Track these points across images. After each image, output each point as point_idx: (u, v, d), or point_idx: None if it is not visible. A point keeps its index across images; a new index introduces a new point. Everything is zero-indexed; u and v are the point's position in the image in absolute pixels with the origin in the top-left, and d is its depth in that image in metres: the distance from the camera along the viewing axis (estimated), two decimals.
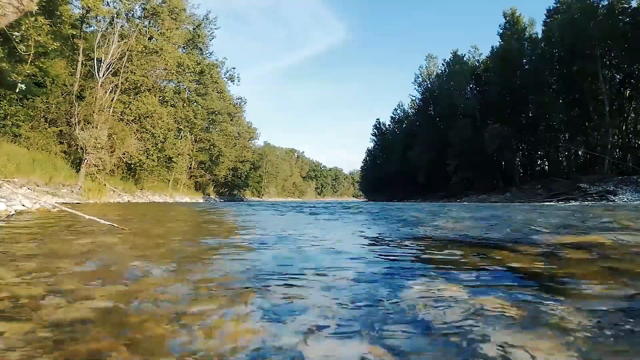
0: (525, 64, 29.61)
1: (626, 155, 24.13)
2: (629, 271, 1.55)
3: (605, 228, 3.42)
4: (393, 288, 1.29)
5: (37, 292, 1.19)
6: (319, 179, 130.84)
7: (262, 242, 2.67)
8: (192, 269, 1.62)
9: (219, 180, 38.49)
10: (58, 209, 6.01)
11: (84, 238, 2.77)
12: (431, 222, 4.65)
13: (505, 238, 2.85)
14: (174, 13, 25.48)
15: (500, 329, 0.89)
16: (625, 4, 22.01)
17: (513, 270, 1.59)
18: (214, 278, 1.44)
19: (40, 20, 13.01)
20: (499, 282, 1.37)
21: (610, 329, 0.90)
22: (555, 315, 0.99)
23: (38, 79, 16.55)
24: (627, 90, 24.78)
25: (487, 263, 1.75)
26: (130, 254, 2.07)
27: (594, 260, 1.82)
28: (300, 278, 1.45)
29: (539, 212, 6.96)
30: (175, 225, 4.55)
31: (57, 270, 1.54)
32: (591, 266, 1.65)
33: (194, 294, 1.21)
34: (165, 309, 1.05)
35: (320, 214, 7.18)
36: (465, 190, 30.14)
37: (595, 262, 1.77)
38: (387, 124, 57.88)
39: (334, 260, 1.88)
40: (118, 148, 19.39)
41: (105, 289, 1.25)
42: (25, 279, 1.38)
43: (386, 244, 2.59)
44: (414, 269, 1.66)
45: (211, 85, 34.96)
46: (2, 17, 4.34)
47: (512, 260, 1.82)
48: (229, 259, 1.94)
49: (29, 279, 1.38)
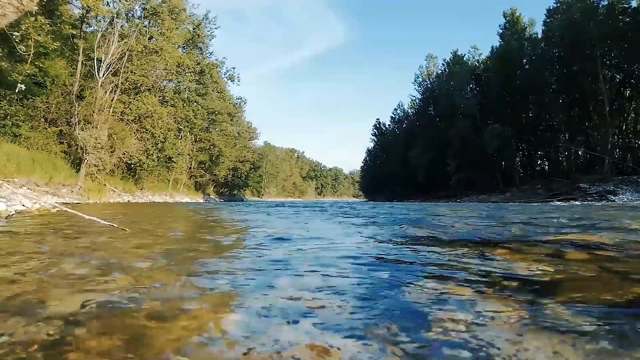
0: (525, 64, 29.62)
1: (626, 155, 24.14)
2: (629, 271, 1.55)
3: (605, 228, 3.42)
4: (393, 288, 1.29)
5: (36, 292, 1.19)
6: (319, 179, 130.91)
7: (262, 243, 2.66)
8: (192, 269, 1.62)
9: (219, 180, 38.52)
10: (58, 209, 6.00)
11: (84, 238, 2.77)
12: (436, 222, 4.65)
13: (505, 238, 2.85)
14: (174, 13, 25.50)
15: (501, 330, 0.89)
16: (625, 4, 22.03)
17: (513, 270, 1.59)
18: (213, 276, 1.44)
19: (40, 20, 13.04)
20: (499, 282, 1.37)
21: (610, 330, 0.89)
22: (556, 316, 0.99)
23: (38, 79, 16.56)
24: (627, 90, 24.79)
25: (487, 263, 1.75)
26: (130, 253, 2.07)
27: (593, 260, 1.81)
28: (300, 272, 1.44)
29: (539, 212, 6.96)
30: (175, 225, 4.55)
31: (57, 270, 1.54)
32: (591, 266, 1.65)
33: (193, 294, 1.21)
34: (165, 308, 1.05)
35: (339, 215, 7.15)
36: (465, 190, 30.15)
37: (595, 262, 1.77)
38: (387, 124, 57.99)
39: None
40: (118, 148, 19.40)
41: (105, 288, 1.25)
42: (25, 279, 1.38)
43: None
44: (414, 269, 1.66)
45: (211, 85, 34.98)
46: (2, 17, 4.34)
47: (512, 260, 1.82)
48: (231, 259, 1.94)
49: (29, 279, 1.38)
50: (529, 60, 29.31)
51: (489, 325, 0.92)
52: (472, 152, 29.54)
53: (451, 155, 31.52)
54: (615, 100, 24.19)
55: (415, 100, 47.55)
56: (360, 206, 13.61)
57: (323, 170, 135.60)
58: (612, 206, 10.05)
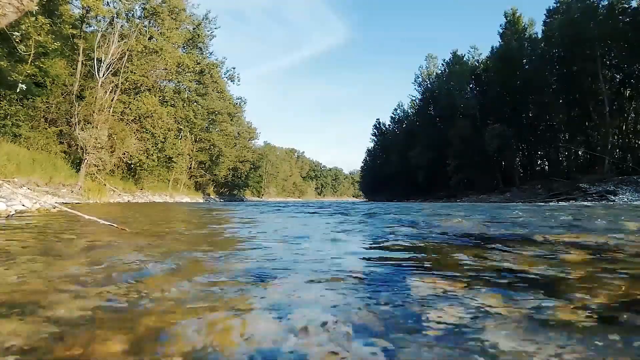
0: (525, 64, 29.60)
1: (626, 155, 24.13)
2: (629, 271, 1.55)
3: (605, 228, 3.42)
4: (395, 287, 1.29)
5: (36, 291, 1.19)
6: (319, 179, 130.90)
7: (263, 242, 2.66)
8: (192, 269, 1.62)
9: (219, 180, 38.52)
10: (58, 209, 6.00)
11: (84, 238, 2.77)
12: (441, 222, 4.65)
13: (505, 238, 2.85)
14: (174, 13, 25.50)
15: (501, 330, 0.89)
16: (625, 4, 22.01)
17: (513, 270, 1.59)
18: (213, 277, 1.44)
19: (40, 20, 13.03)
20: (499, 282, 1.37)
21: (610, 330, 0.89)
22: (555, 316, 0.99)
23: (38, 79, 16.55)
24: (627, 90, 24.77)
25: (487, 263, 1.75)
26: (130, 253, 2.07)
27: (593, 260, 1.82)
28: (291, 271, 1.44)
29: (539, 212, 6.96)
30: (175, 225, 4.55)
31: (57, 270, 1.54)
32: (590, 266, 1.65)
33: (192, 293, 1.21)
34: (165, 307, 1.05)
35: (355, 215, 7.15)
36: (465, 190, 30.15)
37: (595, 262, 1.77)
38: (387, 124, 57.98)
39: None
40: (118, 148, 19.40)
41: (104, 288, 1.25)
42: (25, 279, 1.38)
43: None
44: (414, 269, 1.66)
45: (211, 85, 34.97)
46: (2, 17, 4.35)
47: (512, 260, 1.82)
48: (232, 258, 1.94)
49: (28, 279, 1.38)
50: (529, 60, 29.29)
51: (486, 323, 0.92)
52: (472, 152, 29.53)
53: (451, 155, 31.51)
54: (615, 100, 24.17)
55: (415, 100, 47.57)
56: (369, 206, 13.59)
57: (323, 170, 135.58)
58: (612, 206, 10.05)
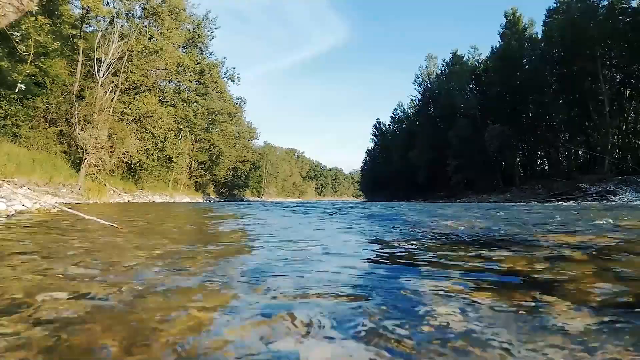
0: (525, 64, 29.59)
1: (626, 155, 24.12)
2: (629, 271, 1.55)
3: (605, 228, 3.42)
4: (394, 287, 1.29)
5: (36, 291, 1.19)
6: (319, 179, 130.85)
7: (256, 239, 2.66)
8: (192, 269, 1.62)
9: (219, 180, 38.49)
10: (58, 209, 6.01)
11: (84, 238, 2.77)
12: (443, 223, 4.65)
13: (505, 238, 2.85)
14: (174, 13, 25.49)
15: (501, 330, 0.89)
16: (625, 4, 22.00)
17: (513, 270, 1.59)
18: (212, 277, 1.44)
19: (40, 20, 13.01)
20: (499, 282, 1.37)
21: (610, 330, 0.90)
22: (555, 316, 0.99)
23: (38, 79, 16.54)
24: (627, 90, 24.76)
25: (487, 263, 1.75)
26: (129, 253, 2.07)
27: (593, 260, 1.82)
28: (287, 273, 1.45)
29: (539, 212, 6.96)
30: (175, 225, 4.55)
31: (56, 269, 1.54)
32: (591, 266, 1.65)
33: (192, 293, 1.21)
34: (165, 307, 1.05)
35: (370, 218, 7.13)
36: (465, 190, 30.13)
37: (595, 262, 1.77)
38: (387, 124, 57.97)
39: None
40: (118, 148, 19.38)
41: (104, 287, 1.25)
42: (24, 278, 1.38)
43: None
44: (414, 269, 1.66)
45: (211, 85, 34.97)
46: (2, 17, 4.35)
47: (512, 260, 1.82)
48: (231, 258, 1.94)
49: (28, 278, 1.38)
50: (529, 60, 29.28)
51: (486, 323, 0.92)
52: (472, 152, 29.51)
53: (451, 155, 31.49)
54: (615, 100, 24.16)
55: (415, 100, 47.57)
56: (369, 205, 13.59)
57: (323, 170, 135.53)
58: (612, 206, 10.05)
